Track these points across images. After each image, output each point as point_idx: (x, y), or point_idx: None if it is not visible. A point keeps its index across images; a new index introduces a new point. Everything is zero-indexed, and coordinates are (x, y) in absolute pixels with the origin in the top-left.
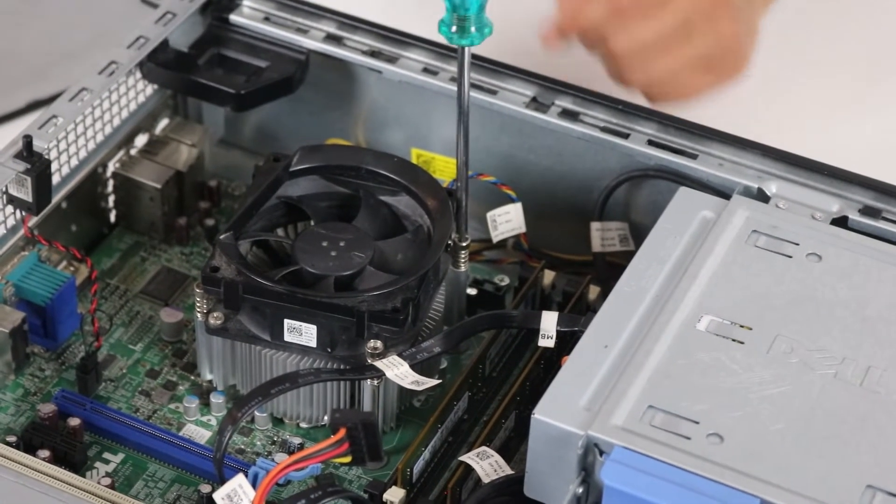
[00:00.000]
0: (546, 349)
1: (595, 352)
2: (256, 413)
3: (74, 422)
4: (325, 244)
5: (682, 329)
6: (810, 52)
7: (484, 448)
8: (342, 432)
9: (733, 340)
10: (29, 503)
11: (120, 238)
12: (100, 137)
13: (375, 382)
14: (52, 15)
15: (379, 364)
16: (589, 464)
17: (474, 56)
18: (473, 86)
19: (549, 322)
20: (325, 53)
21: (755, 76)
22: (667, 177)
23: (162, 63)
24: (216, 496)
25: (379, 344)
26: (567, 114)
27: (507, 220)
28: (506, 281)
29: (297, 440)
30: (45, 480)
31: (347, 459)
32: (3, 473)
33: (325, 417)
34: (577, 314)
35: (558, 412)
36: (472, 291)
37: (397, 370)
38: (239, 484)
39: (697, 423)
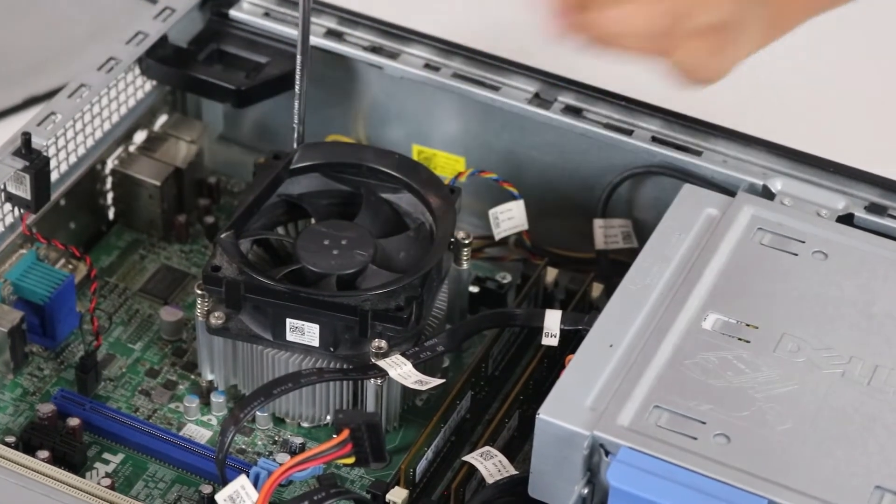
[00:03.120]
0: (549, 347)
1: (600, 351)
2: (258, 413)
3: (74, 422)
4: (326, 242)
5: (687, 328)
6: (816, 47)
7: (488, 448)
8: (346, 433)
9: (739, 339)
10: None
11: (119, 236)
12: (98, 134)
13: (379, 382)
14: (49, 10)
15: (382, 363)
16: (594, 464)
17: (477, 52)
18: (475, 81)
19: (552, 320)
20: (325, 49)
21: (760, 72)
22: (671, 174)
23: (161, 59)
24: (218, 497)
25: (383, 343)
26: (570, 110)
27: (510, 218)
28: (508, 278)
29: (298, 440)
30: (44, 481)
31: (351, 460)
32: (3, 475)
33: (328, 417)
34: (581, 312)
35: (563, 412)
36: (474, 289)
37: (401, 369)
38: (241, 485)
39: (704, 423)
